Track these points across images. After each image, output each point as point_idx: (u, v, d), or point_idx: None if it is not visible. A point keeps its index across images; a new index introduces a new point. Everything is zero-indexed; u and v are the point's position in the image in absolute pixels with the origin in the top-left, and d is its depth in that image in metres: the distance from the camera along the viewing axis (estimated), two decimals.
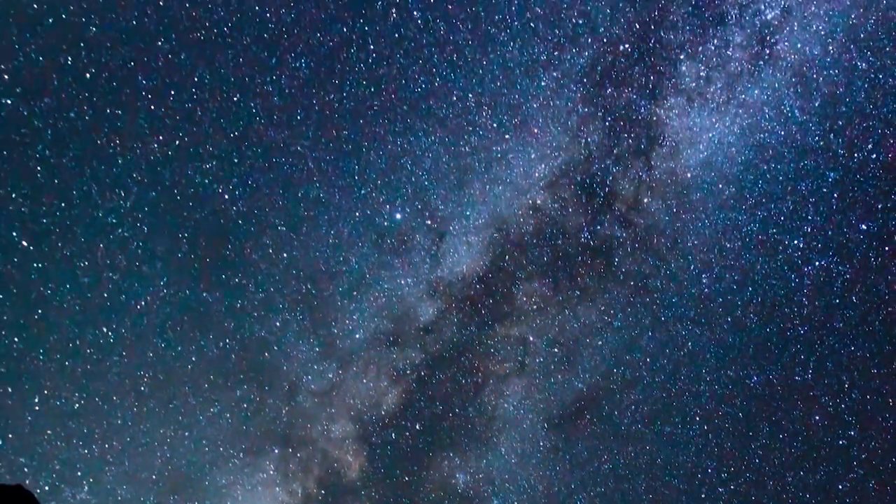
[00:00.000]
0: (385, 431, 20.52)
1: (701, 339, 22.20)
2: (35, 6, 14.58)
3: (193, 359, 18.65)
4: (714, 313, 22.20)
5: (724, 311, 22.28)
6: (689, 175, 21.21)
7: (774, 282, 22.30)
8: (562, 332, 21.18)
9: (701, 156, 21.14)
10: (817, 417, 22.83)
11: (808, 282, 22.41)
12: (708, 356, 22.45)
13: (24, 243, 16.60)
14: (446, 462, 21.12)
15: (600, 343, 21.59)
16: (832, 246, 21.95)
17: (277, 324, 19.47)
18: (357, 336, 20.41)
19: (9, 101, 15.22)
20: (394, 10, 17.40)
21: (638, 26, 20.20)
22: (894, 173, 21.44)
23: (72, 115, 16.06)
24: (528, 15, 18.94)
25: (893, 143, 21.32)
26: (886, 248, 21.79)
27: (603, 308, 21.60)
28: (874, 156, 21.27)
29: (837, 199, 21.68)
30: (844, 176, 21.41)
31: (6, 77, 14.95)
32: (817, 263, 22.22)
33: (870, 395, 22.45)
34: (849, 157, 21.41)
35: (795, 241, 22.01)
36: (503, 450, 21.58)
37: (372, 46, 17.63)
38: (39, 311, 17.07)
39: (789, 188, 21.69)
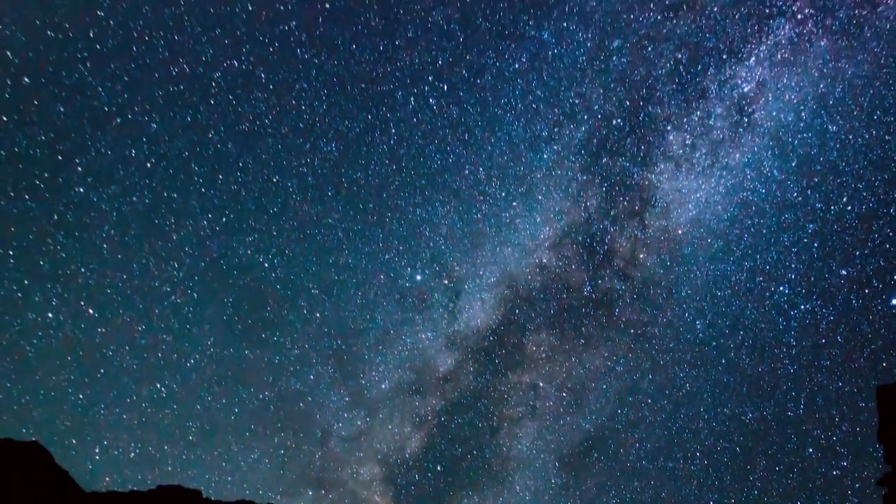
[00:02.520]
0: (409, 473, 21.70)
1: (698, 380, 23.50)
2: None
3: (236, 410, 20.33)
4: (709, 356, 23.55)
5: (718, 354, 23.63)
6: (680, 232, 22.92)
7: (764, 325, 23.72)
8: (569, 377, 22.49)
9: (690, 214, 22.88)
10: (811, 450, 23.43)
11: (796, 324, 23.84)
12: (705, 396, 23.62)
13: (90, 311, 18.61)
14: (466, 500, 22.16)
15: (605, 386, 22.87)
16: (815, 291, 23.39)
17: (311, 377, 21.05)
18: (383, 386, 21.85)
19: (80, 190, 17.44)
20: (412, 99, 19.61)
21: (628, 103, 22.26)
22: (869, 223, 23.08)
23: (133, 198, 18.26)
24: (530, 97, 21.03)
25: (866, 195, 23.11)
26: (866, 291, 23.18)
27: (606, 354, 23.00)
28: (849, 208, 22.99)
29: (818, 249, 23.30)
30: (823, 227, 23.09)
31: (79, 170, 17.20)
32: (803, 307, 23.65)
33: (859, 427, 23.51)
34: (826, 210, 23.13)
35: (781, 288, 23.55)
36: (518, 487, 22.55)
37: (393, 130, 19.78)
38: (101, 370, 18.96)
39: (773, 240, 23.35)
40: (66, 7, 15.63)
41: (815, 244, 23.09)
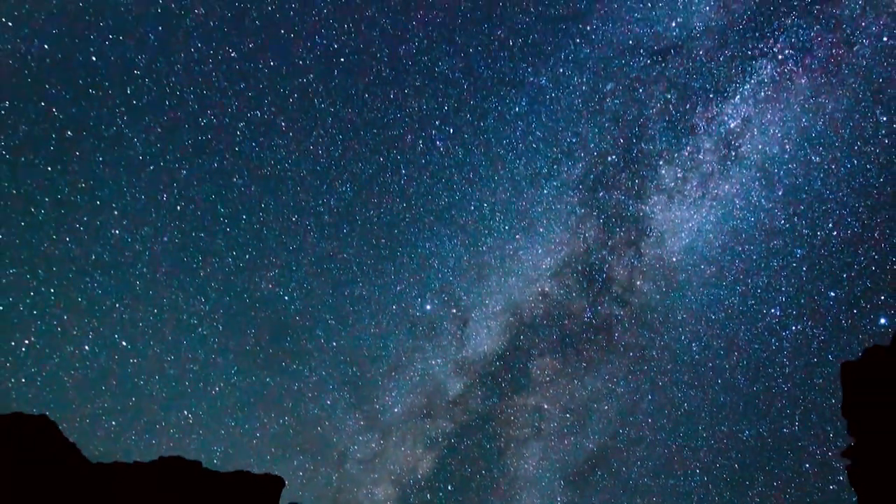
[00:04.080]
0: (421, 493, 22.46)
1: (695, 399, 24.38)
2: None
3: (258, 435, 21.39)
4: (706, 376, 24.44)
5: (714, 374, 24.54)
6: (674, 259, 24.04)
7: (757, 346, 24.65)
8: (572, 399, 23.38)
9: (683, 242, 24.01)
10: (807, 465, 23.89)
11: (788, 344, 24.79)
12: (703, 415, 24.45)
13: (124, 343, 19.89)
14: None
15: (606, 407, 23.75)
16: (806, 312, 24.31)
17: (328, 402, 22.11)
18: (395, 410, 22.85)
19: (116, 232, 18.84)
20: (420, 141, 21.05)
21: (622, 140, 23.62)
22: (854, 247, 24.16)
23: (164, 238, 19.65)
24: (530, 137, 22.42)
25: (850, 221, 24.27)
26: (854, 311, 24.07)
27: (607, 377, 23.91)
28: (835, 233, 24.10)
29: (806, 272, 24.38)
30: (810, 251, 24.20)
31: (115, 213, 18.62)
32: (794, 328, 24.55)
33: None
34: (812, 235, 24.27)
35: (773, 310, 24.54)
36: None
37: (403, 171, 21.19)
38: (133, 398, 20.14)
39: (763, 265, 24.44)
40: (106, 68, 17.19)
41: (804, 268, 24.16)
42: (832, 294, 24.19)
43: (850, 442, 9.52)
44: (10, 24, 16.28)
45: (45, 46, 16.51)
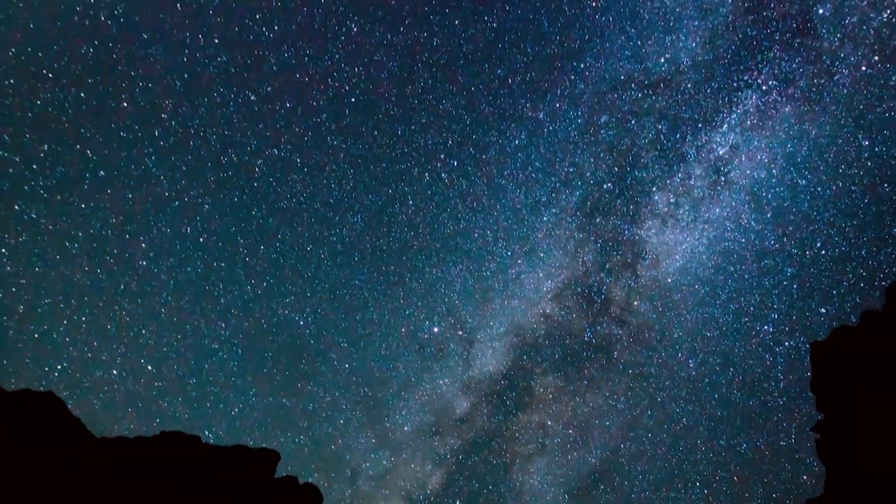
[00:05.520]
0: None
1: (694, 414, 25.09)
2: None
3: None
4: (703, 392, 25.18)
5: (711, 390, 25.27)
6: (669, 280, 24.96)
7: (752, 361, 25.39)
8: (574, 415, 24.12)
9: (677, 264, 24.92)
10: (805, 477, 24.77)
11: (782, 360, 25.57)
12: (701, 429, 25.16)
13: (149, 367, 21.02)
14: None
15: (608, 423, 24.46)
16: (798, 328, 25.06)
17: (341, 421, 23.00)
18: (406, 428, 23.67)
19: (143, 263, 20.08)
20: (426, 174, 22.32)
21: (617, 169, 24.75)
22: (843, 264, 25.09)
23: (188, 269, 20.86)
24: (530, 168, 23.61)
25: (837, 240, 25.25)
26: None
27: (608, 393, 24.65)
28: (823, 252, 25.03)
29: (797, 290, 25.26)
30: (800, 270, 25.09)
31: (143, 246, 19.87)
32: (787, 344, 25.29)
33: None
34: (802, 254, 25.21)
35: (766, 327, 25.34)
36: None
37: (410, 201, 22.41)
38: (157, 420, 21.18)
39: (755, 284, 25.34)
40: (136, 113, 18.59)
41: (795, 286, 25.05)
42: (823, 311, 25.01)
43: (819, 418, 10.34)
44: (49, 74, 17.74)
45: (81, 94, 17.94)
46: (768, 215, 24.68)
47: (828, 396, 10.24)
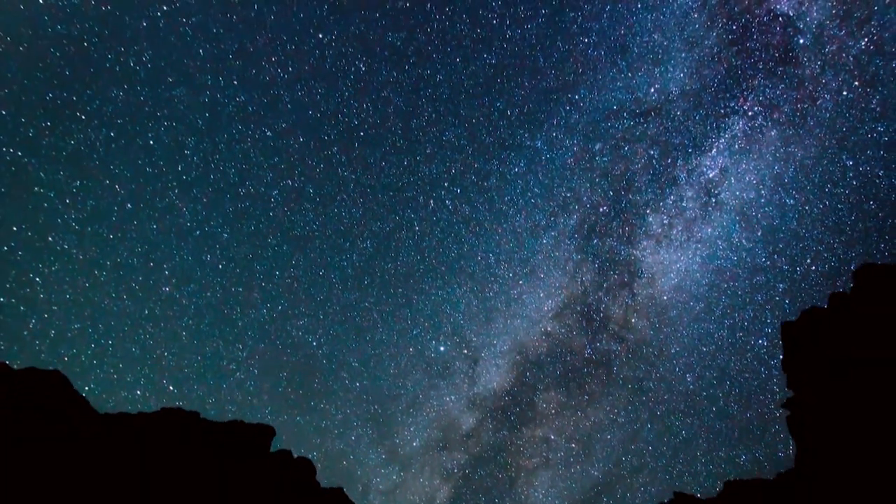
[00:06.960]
0: None
1: (692, 427, 25.97)
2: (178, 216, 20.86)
3: None
4: (701, 405, 26.08)
5: (709, 403, 26.18)
6: (665, 298, 25.96)
7: (748, 375, 26.35)
8: (577, 430, 24.99)
9: (673, 282, 25.94)
10: None
11: (777, 372, 26.51)
12: (700, 441, 26.07)
13: (171, 388, 22.11)
14: None
15: (609, 437, 25.32)
16: None
17: (353, 437, 23.93)
18: (414, 444, 24.58)
19: (166, 289, 21.28)
20: (431, 201, 23.55)
21: (612, 193, 25.92)
22: (833, 280, 26.14)
23: (207, 294, 22.04)
24: (529, 194, 24.78)
25: (826, 256, 26.28)
26: None
27: (608, 408, 25.52)
28: (813, 268, 26.09)
29: (789, 304, 26.26)
30: (792, 286, 26.11)
31: (166, 273, 21.09)
32: (781, 357, 26.33)
33: None
34: (792, 271, 26.24)
35: (760, 341, 26.32)
36: None
37: (416, 227, 23.65)
38: None
39: (748, 300, 26.32)
40: (161, 150, 19.97)
41: (787, 301, 26.05)
42: None
43: (789, 395, 11.16)
44: (82, 116, 19.16)
45: (112, 134, 19.35)
46: (759, 234, 25.76)
47: (798, 374, 11.07)
